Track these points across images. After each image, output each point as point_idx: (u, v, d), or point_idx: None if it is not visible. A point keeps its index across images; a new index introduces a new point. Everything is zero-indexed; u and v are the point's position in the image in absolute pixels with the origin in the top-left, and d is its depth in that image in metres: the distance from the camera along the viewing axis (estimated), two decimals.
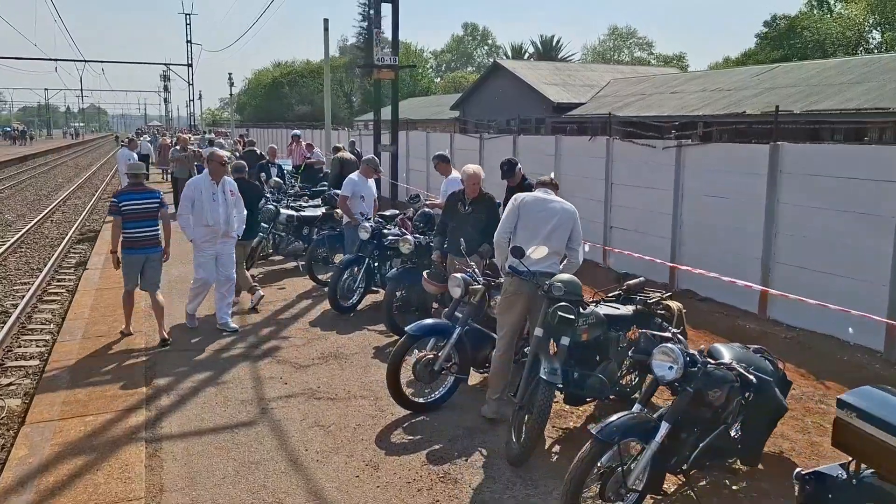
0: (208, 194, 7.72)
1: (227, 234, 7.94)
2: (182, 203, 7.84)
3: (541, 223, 5.58)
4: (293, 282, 10.43)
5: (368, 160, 9.61)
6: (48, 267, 13.10)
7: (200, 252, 7.97)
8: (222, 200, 7.78)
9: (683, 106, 28.34)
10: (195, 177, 7.81)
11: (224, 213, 7.81)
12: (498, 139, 14.28)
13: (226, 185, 7.85)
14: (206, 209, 7.70)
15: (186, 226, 7.83)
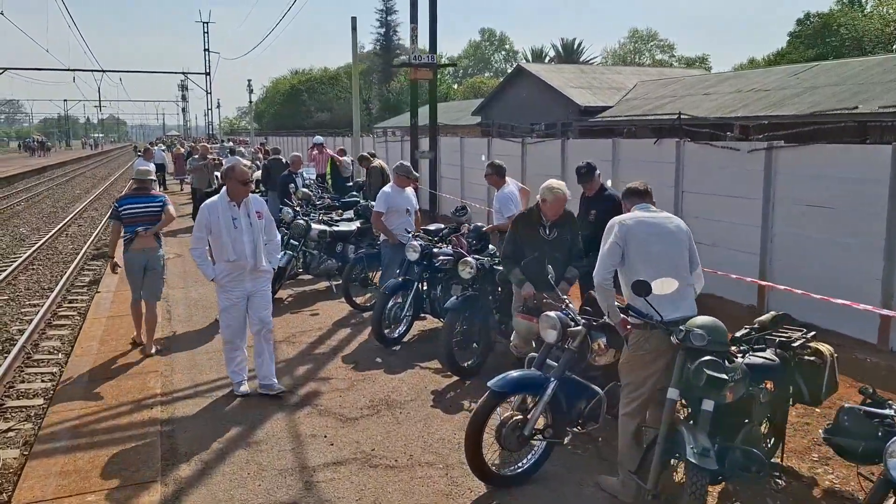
0: (227, 220, 5.87)
1: (256, 268, 6.04)
2: (195, 232, 6.01)
3: (662, 254, 4.30)
4: (327, 306, 9.21)
5: (399, 167, 8.35)
6: (59, 286, 12.03)
7: (226, 294, 6.05)
8: (246, 226, 5.92)
9: (719, 107, 26.97)
10: (210, 200, 6.03)
11: (250, 242, 5.93)
12: (543, 144, 13.02)
13: (250, 207, 6.01)
14: (226, 239, 5.86)
15: (203, 262, 6.03)
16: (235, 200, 5.96)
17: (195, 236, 6.02)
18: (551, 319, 4.55)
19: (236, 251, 5.90)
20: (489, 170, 8.04)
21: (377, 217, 8.07)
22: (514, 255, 5.79)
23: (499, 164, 8.09)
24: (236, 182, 5.93)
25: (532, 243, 5.69)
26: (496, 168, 8.03)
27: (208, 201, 6.06)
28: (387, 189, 8.19)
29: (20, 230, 19.97)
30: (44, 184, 35.93)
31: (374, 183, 12.14)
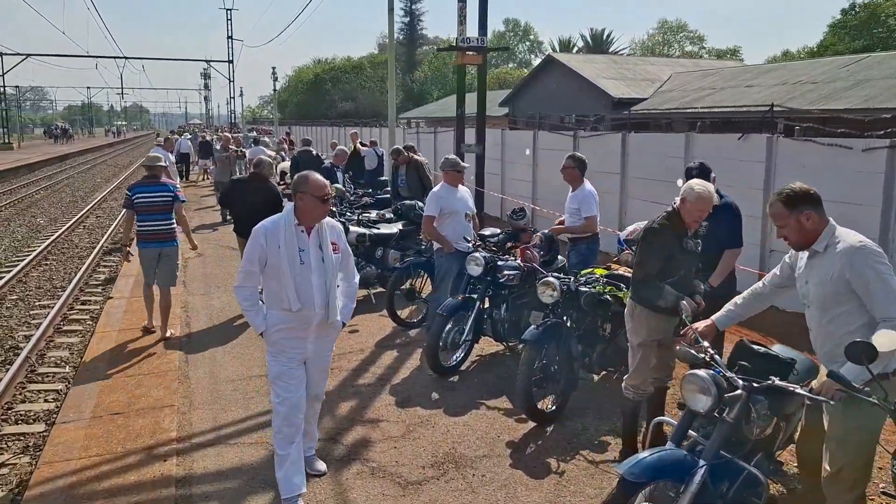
0: (291, 251, 4.02)
1: (325, 323, 4.18)
2: (245, 265, 4.13)
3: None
4: (367, 321, 8.02)
5: (446, 161, 7.11)
6: (72, 285, 10.99)
7: (278, 356, 4.17)
8: (317, 263, 4.06)
9: (765, 98, 25.44)
10: (269, 221, 4.11)
11: (322, 286, 4.07)
12: (600, 138, 11.72)
13: (324, 236, 4.11)
14: (288, 280, 4.00)
15: (252, 307, 4.13)
16: (306, 225, 4.04)
17: (244, 270, 4.10)
18: (703, 381, 3.32)
19: (302, 297, 4.01)
20: (571, 163, 6.84)
21: (428, 222, 6.87)
22: (658, 273, 4.43)
23: (581, 157, 6.91)
24: (311, 199, 3.97)
25: (673, 259, 4.43)
26: (578, 162, 6.84)
27: (266, 223, 4.07)
28: (438, 190, 6.98)
29: (37, 220, 19.08)
30: (65, 171, 35.14)
31: (410, 180, 10.96)
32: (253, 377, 6.22)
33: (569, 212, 6.92)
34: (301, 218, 4.03)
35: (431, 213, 6.81)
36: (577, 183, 6.89)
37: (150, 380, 6.19)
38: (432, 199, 6.85)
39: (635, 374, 4.66)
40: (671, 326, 4.52)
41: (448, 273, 6.88)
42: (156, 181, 7.41)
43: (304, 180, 4.03)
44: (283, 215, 4.09)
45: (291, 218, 4.04)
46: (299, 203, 4.01)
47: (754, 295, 3.99)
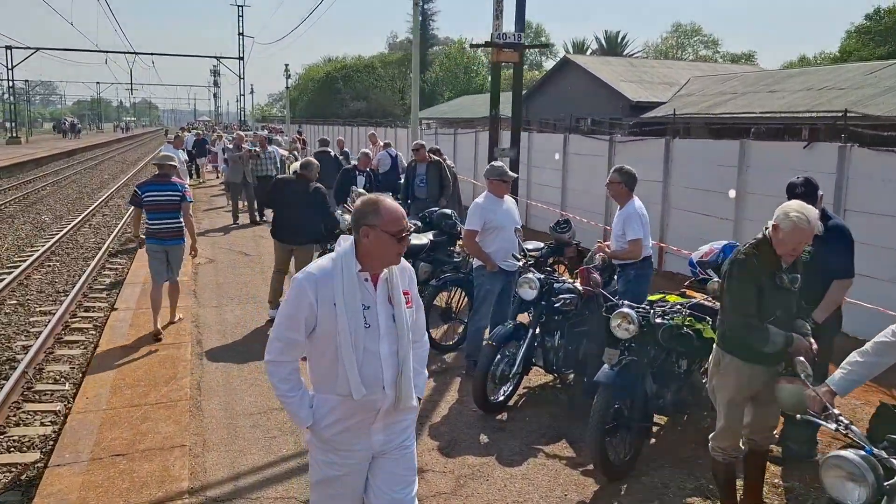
0: (353, 311, 2.74)
1: (398, 407, 2.87)
2: (280, 330, 2.79)
3: None
4: None
5: (492, 169, 6.32)
6: (76, 289, 10.28)
7: (330, 456, 2.89)
8: (387, 326, 2.81)
9: (789, 105, 24.62)
10: (313, 267, 2.80)
11: (392, 356, 2.82)
12: (640, 144, 10.92)
13: (395, 285, 2.84)
14: (346, 353, 2.73)
15: (292, 393, 2.84)
16: (372, 272, 2.79)
17: (281, 338, 2.77)
18: (854, 466, 2.53)
19: (367, 378, 2.75)
20: (617, 177, 6.00)
21: (470, 237, 6.08)
22: (757, 312, 3.62)
23: (630, 171, 6.06)
24: (384, 236, 2.72)
25: (764, 298, 3.64)
26: (627, 176, 6.00)
27: (314, 270, 2.77)
28: (481, 201, 6.18)
29: (42, 217, 18.41)
30: (72, 167, 34.49)
31: (431, 181, 10.19)
32: (273, 410, 5.46)
33: (614, 234, 6.08)
34: (366, 262, 2.75)
35: (474, 226, 6.04)
36: (625, 200, 6.02)
37: (158, 412, 5.43)
38: (475, 212, 6.07)
39: (724, 435, 3.86)
40: (771, 378, 3.71)
41: (490, 293, 6.11)
42: (166, 180, 7.42)
43: (373, 209, 2.73)
44: (339, 258, 2.75)
45: (352, 262, 2.74)
46: (364, 241, 2.73)
47: (883, 347, 3.18)
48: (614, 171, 6.04)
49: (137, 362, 6.52)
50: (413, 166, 10.49)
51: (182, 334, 7.33)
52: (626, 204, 5.95)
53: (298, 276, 2.78)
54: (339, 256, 2.77)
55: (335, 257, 2.78)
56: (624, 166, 6.07)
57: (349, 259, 2.75)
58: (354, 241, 2.78)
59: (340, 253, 2.79)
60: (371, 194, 2.86)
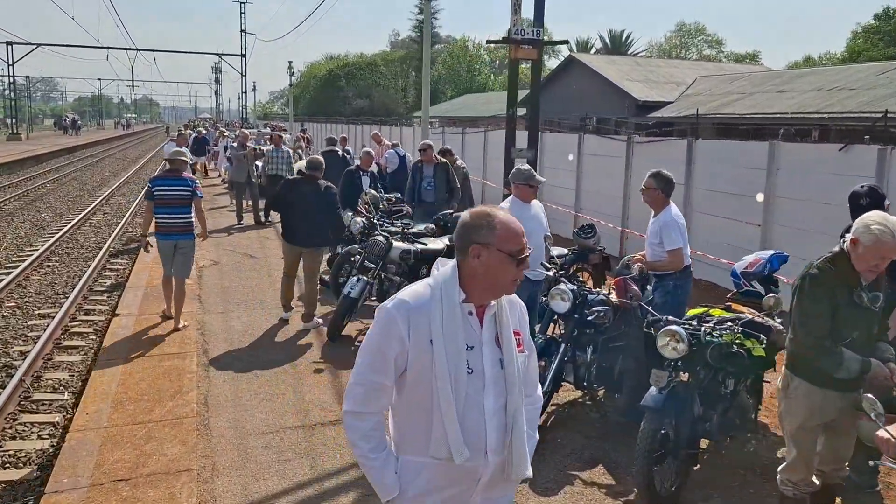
0: (454, 353, 2.14)
1: (507, 477, 2.24)
2: (363, 372, 2.23)
3: None
4: None
5: (517, 173, 5.92)
6: (76, 291, 9.92)
7: None
8: (495, 371, 2.20)
9: (800, 105, 24.26)
10: (406, 293, 2.23)
11: (499, 412, 2.21)
12: (659, 144, 10.53)
13: (505, 318, 2.24)
14: (445, 405, 2.13)
15: (374, 454, 2.24)
16: (477, 302, 2.23)
17: (363, 383, 2.24)
18: None
19: (469, 437, 2.17)
20: (653, 182, 5.62)
21: None
22: (831, 336, 3.25)
23: (667, 176, 5.67)
24: (499, 257, 2.16)
25: (845, 317, 3.26)
26: (664, 181, 5.61)
27: (406, 297, 2.22)
28: (506, 206, 5.79)
29: (42, 216, 18.04)
30: (73, 164, 34.08)
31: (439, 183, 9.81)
32: (287, 429, 5.09)
33: (649, 243, 5.69)
34: (471, 290, 2.17)
35: None
36: (661, 207, 5.62)
37: (163, 430, 5.06)
38: None
39: (796, 468, 3.49)
40: (847, 405, 3.35)
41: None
42: (177, 175, 7.47)
43: (485, 222, 2.16)
44: (439, 284, 2.19)
45: (454, 290, 2.16)
46: (473, 263, 2.15)
47: None
48: (650, 177, 5.65)
49: (140, 374, 6.14)
50: (420, 167, 10.05)
51: (187, 343, 6.96)
52: (661, 211, 5.57)
53: (387, 304, 2.20)
54: (437, 282, 2.18)
55: (433, 283, 2.20)
56: (661, 171, 5.68)
57: (451, 286, 2.16)
58: (457, 264, 2.20)
59: (440, 278, 2.19)
60: (481, 205, 2.30)
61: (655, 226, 5.58)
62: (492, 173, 14.87)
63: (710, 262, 8.93)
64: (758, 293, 5.16)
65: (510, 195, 9.15)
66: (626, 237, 10.88)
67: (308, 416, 5.30)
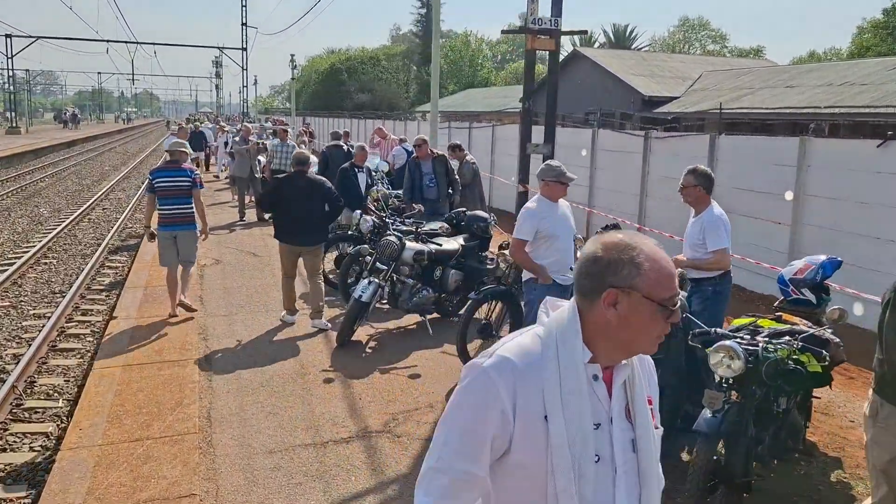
0: (580, 429, 1.56)
1: None
2: (446, 455, 1.60)
3: None
4: (427, 359, 6.45)
5: (547, 169, 5.42)
6: (73, 290, 9.53)
7: None
8: (625, 460, 1.63)
9: (809, 100, 23.82)
10: (512, 347, 1.61)
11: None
12: (678, 140, 10.10)
13: (637, 384, 1.67)
14: (566, 500, 1.55)
15: None
16: (606, 360, 1.63)
17: (446, 465, 1.59)
18: None
19: None
20: (693, 180, 5.21)
21: (520, 247, 5.27)
22: None
23: (706, 172, 5.27)
24: (646, 306, 1.55)
25: None
26: (703, 178, 5.22)
27: (513, 349, 1.60)
28: (534, 206, 5.35)
29: (40, 210, 17.63)
30: (72, 158, 33.63)
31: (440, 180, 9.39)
32: (297, 447, 4.68)
33: (690, 243, 5.29)
34: (599, 346, 1.60)
35: (524, 236, 5.23)
36: (703, 205, 5.23)
37: (162, 448, 4.65)
38: (527, 218, 5.26)
39: None
40: None
41: None
42: (177, 166, 7.48)
43: (628, 257, 1.57)
44: (554, 336, 1.60)
45: (577, 346, 1.59)
46: (609, 313, 1.57)
47: None
48: (689, 174, 5.24)
49: (139, 383, 5.73)
50: (417, 164, 9.53)
51: (188, 348, 6.55)
52: (704, 210, 5.17)
53: (483, 363, 1.60)
54: (551, 333, 1.60)
55: (544, 334, 1.61)
56: (699, 167, 5.27)
57: (571, 340, 1.58)
58: (578, 310, 1.61)
59: (553, 328, 1.60)
60: (616, 232, 1.64)
61: (697, 226, 5.19)
62: (501, 169, 14.45)
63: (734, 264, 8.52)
64: (808, 302, 4.76)
65: (524, 192, 8.76)
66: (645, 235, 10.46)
67: (319, 433, 4.89)
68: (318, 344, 6.76)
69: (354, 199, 9.38)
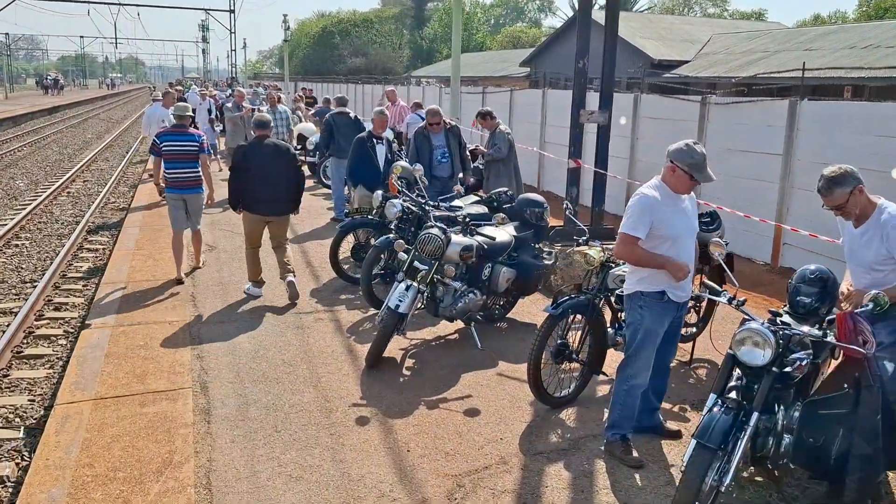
0: None
1: None
2: None
3: None
4: (479, 381, 5.07)
5: (689, 153, 3.82)
6: (45, 280, 8.16)
7: None
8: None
9: (830, 63, 22.36)
10: None
11: None
12: (743, 107, 8.62)
13: None
14: None
15: None
16: None
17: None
18: None
19: None
20: (847, 185, 3.67)
21: (631, 245, 3.83)
22: None
23: (850, 170, 3.72)
24: None
25: None
26: (854, 177, 3.70)
27: None
28: (652, 192, 3.85)
29: (17, 183, 16.06)
30: (54, 125, 31.71)
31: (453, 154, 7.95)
32: None
33: (865, 263, 3.73)
34: None
35: (637, 232, 3.80)
36: (870, 208, 3.73)
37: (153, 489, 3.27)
38: (643, 209, 3.80)
39: None
40: None
41: (652, 335, 3.94)
42: (184, 130, 7.45)
43: None
44: None
45: None
46: None
47: None
48: (834, 183, 3.64)
49: (115, 427, 4.32)
50: (426, 136, 8.00)
51: (179, 371, 5.13)
52: (873, 212, 3.72)
53: None
54: None
55: None
56: (839, 168, 3.71)
57: None
58: None
59: None
60: None
61: (870, 235, 3.70)
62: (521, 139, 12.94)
63: (815, 252, 7.15)
64: None
65: (577, 168, 7.31)
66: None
67: None
68: (341, 363, 5.35)
69: (371, 176, 7.94)
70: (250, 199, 6.66)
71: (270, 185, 6.58)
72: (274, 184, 6.59)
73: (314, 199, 12.63)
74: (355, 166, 8.09)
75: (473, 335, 5.58)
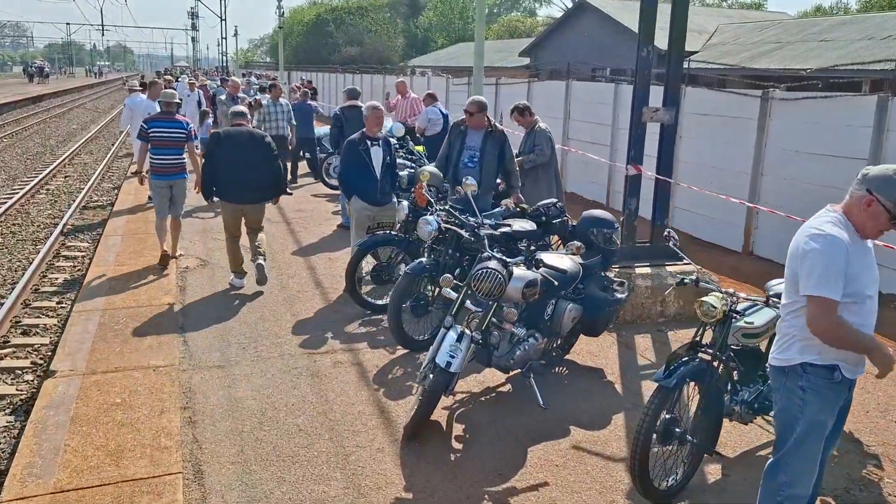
0: None
1: None
2: None
3: None
4: (556, 463, 3.95)
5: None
6: (16, 293, 7.09)
7: None
8: None
9: (852, 57, 21.28)
10: None
11: None
12: (817, 104, 7.47)
13: None
14: None
15: None
16: None
17: None
18: None
19: None
20: None
21: (833, 311, 2.61)
22: None
23: None
24: None
25: None
26: None
27: None
28: (839, 233, 2.69)
29: None
30: (38, 115, 30.24)
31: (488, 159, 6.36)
32: None
33: None
34: None
35: (836, 293, 2.64)
36: None
37: None
38: (833, 258, 2.60)
39: None
40: None
41: (820, 422, 2.82)
42: (171, 117, 7.46)
43: None
44: None
45: None
46: None
47: None
48: None
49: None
50: (462, 132, 6.48)
51: (166, 447, 3.94)
52: None
53: None
54: None
55: None
56: None
57: None
58: None
59: None
60: None
61: None
62: None
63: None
64: None
65: (637, 175, 6.20)
66: (755, 224, 7.96)
67: None
68: (372, 431, 4.18)
69: (367, 184, 6.50)
70: (224, 186, 6.64)
71: (244, 172, 6.55)
72: (248, 172, 6.54)
73: (316, 202, 11.43)
74: (347, 174, 6.59)
75: (534, 388, 4.42)
